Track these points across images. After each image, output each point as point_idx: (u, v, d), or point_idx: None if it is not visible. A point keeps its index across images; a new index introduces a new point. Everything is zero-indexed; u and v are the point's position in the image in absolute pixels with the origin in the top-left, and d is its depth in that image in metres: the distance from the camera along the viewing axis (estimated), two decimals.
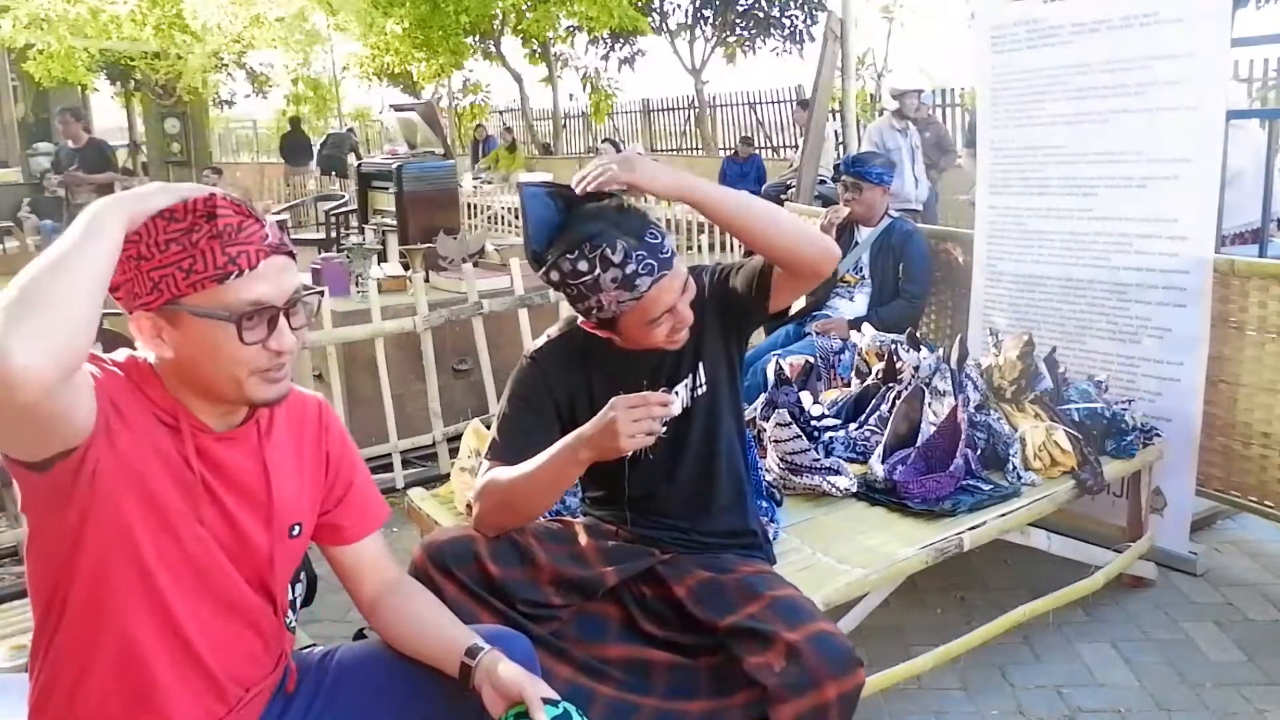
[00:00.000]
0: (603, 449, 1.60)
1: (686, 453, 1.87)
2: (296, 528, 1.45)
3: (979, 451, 2.66)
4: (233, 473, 1.36)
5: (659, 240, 1.66)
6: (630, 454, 1.66)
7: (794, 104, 14.15)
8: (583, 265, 1.63)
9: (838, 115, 7.01)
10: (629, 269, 1.62)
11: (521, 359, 1.88)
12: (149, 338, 1.27)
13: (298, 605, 2.01)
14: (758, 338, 3.87)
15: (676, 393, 1.83)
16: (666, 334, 1.72)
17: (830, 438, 2.79)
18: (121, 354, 1.34)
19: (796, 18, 18.14)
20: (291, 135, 16.04)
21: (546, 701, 1.37)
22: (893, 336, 3.29)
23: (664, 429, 1.59)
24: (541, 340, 1.90)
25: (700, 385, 1.87)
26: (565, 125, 21.11)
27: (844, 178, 4.03)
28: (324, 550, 1.57)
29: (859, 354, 3.31)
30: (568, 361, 1.83)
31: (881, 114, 14.14)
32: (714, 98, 18.63)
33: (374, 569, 1.56)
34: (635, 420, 1.55)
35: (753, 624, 1.68)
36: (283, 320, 1.30)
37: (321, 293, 1.45)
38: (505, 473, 1.74)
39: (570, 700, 1.42)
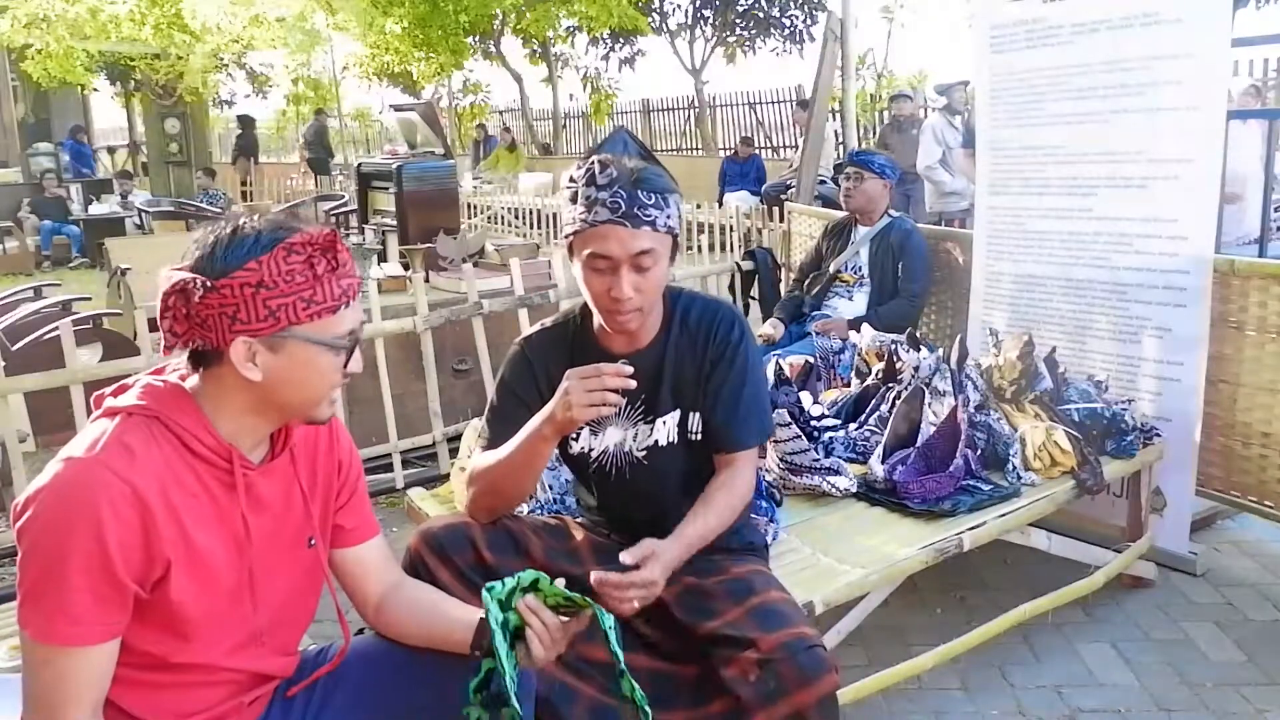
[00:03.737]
0: (562, 422, 1.62)
1: (661, 485, 1.86)
2: (312, 539, 1.48)
3: (979, 451, 2.66)
4: (271, 505, 1.41)
5: (646, 201, 1.66)
6: (601, 466, 1.67)
7: (794, 104, 14.14)
8: (580, 171, 1.71)
9: (838, 115, 7.01)
10: (600, 195, 1.66)
11: (512, 345, 1.91)
12: (240, 361, 1.30)
13: None
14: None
15: (664, 422, 1.84)
16: (605, 291, 1.70)
17: (830, 438, 2.79)
18: (153, 384, 1.34)
19: (796, 18, 18.10)
20: (243, 136, 16.85)
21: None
22: (893, 336, 3.29)
23: (622, 401, 1.59)
24: (535, 328, 1.92)
25: (692, 431, 1.84)
26: (565, 125, 21.08)
27: (847, 168, 4.04)
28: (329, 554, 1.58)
29: (859, 354, 3.31)
30: (555, 351, 1.84)
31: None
32: (714, 98, 18.60)
33: (380, 571, 1.59)
34: (589, 390, 1.58)
35: (730, 631, 1.68)
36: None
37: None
38: (488, 456, 1.78)
39: (552, 697, 1.48)
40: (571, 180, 1.72)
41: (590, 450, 1.87)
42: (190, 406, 1.33)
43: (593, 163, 1.69)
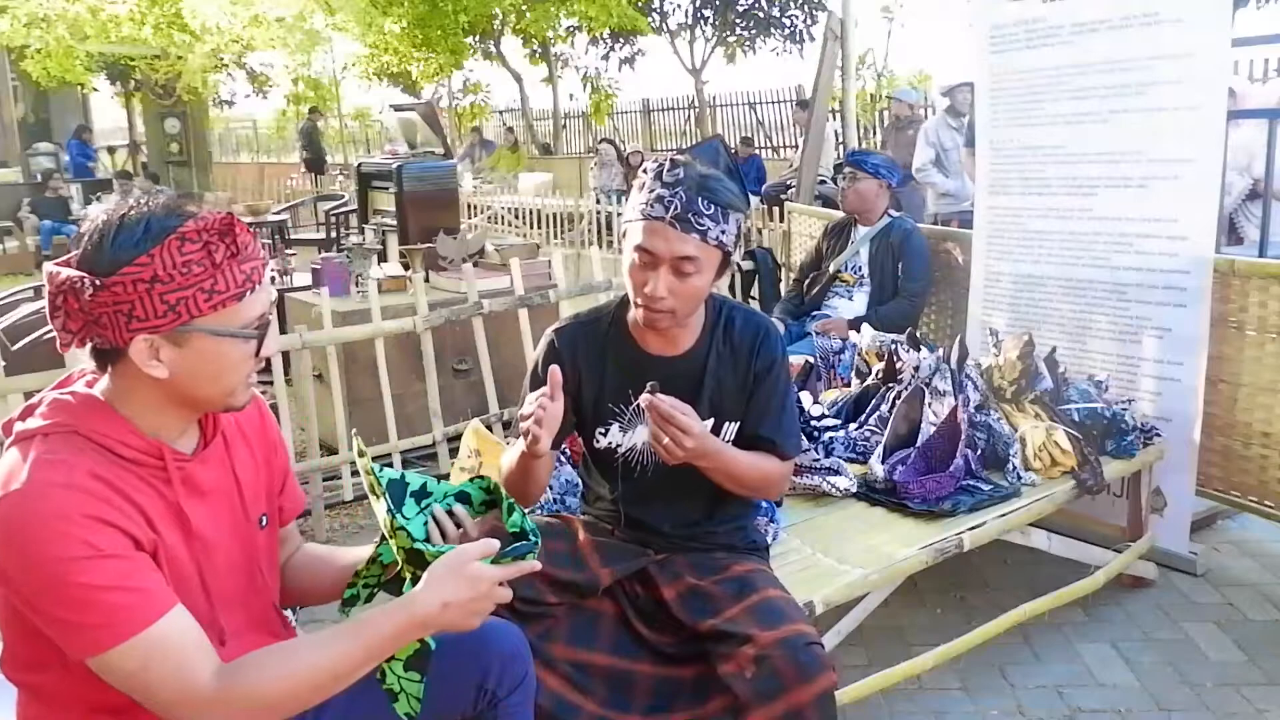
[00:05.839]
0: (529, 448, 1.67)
1: (686, 484, 1.84)
2: (264, 518, 1.45)
3: (979, 451, 2.66)
4: (211, 493, 1.35)
5: (703, 210, 1.67)
6: (626, 462, 1.70)
7: (794, 104, 14.14)
8: (653, 165, 1.73)
9: (838, 115, 7.00)
10: (662, 192, 1.68)
11: (545, 334, 1.90)
12: (143, 360, 1.22)
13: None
14: None
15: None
16: (640, 285, 1.71)
17: (830, 438, 2.79)
18: (59, 399, 1.27)
19: (796, 18, 18.12)
20: None
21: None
22: (893, 336, 3.29)
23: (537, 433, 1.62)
24: (568, 319, 1.92)
25: (724, 440, 1.84)
26: (565, 125, 21.09)
27: (845, 168, 4.06)
28: None
29: (859, 354, 3.31)
30: (586, 344, 1.85)
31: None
32: (714, 98, 18.60)
33: (293, 540, 1.61)
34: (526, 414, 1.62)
35: (729, 627, 1.69)
36: (272, 326, 1.32)
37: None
38: (505, 457, 1.80)
39: (556, 714, 1.49)
40: (644, 170, 1.74)
41: (618, 446, 1.87)
42: (106, 412, 1.26)
43: (666, 159, 1.71)
